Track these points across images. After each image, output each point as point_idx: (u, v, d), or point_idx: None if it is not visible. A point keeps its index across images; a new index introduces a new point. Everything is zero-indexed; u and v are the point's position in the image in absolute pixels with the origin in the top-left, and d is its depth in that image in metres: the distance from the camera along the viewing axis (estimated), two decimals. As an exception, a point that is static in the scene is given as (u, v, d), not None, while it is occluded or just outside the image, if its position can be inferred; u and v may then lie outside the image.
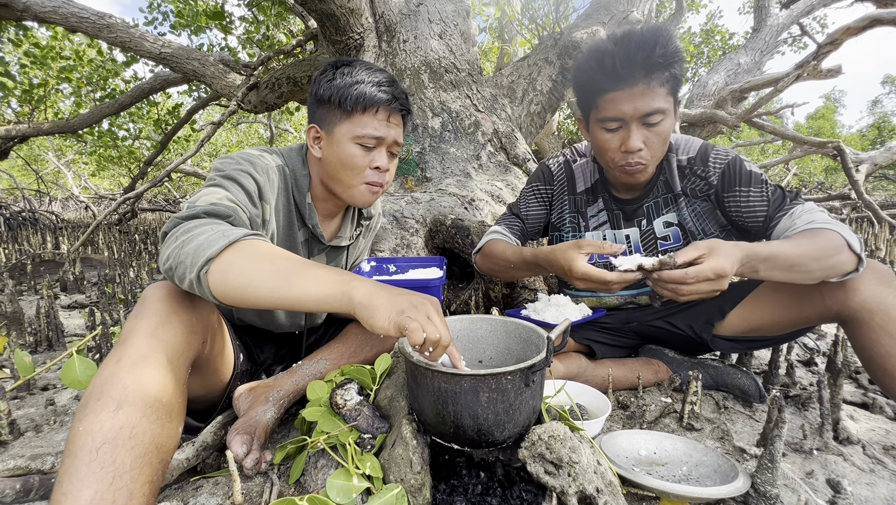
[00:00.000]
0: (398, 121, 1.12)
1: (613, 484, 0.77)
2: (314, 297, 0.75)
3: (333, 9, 2.58)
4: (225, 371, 1.07)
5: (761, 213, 1.16)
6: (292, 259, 0.78)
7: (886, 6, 3.40)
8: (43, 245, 4.66)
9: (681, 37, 8.42)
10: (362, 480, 0.77)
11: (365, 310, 0.74)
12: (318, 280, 0.76)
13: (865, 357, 1.03)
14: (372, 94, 1.04)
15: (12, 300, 1.95)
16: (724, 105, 4.59)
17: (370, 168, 1.09)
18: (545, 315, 1.33)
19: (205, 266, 0.74)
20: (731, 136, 8.95)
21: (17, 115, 5.91)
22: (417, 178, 2.39)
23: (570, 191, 1.42)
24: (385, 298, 0.75)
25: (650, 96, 1.08)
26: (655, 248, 1.33)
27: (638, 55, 1.06)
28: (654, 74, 1.07)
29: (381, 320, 0.73)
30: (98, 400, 0.66)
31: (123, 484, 0.61)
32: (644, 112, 1.09)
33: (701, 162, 1.24)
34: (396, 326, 0.73)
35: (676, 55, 1.07)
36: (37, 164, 12.11)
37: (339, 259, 1.29)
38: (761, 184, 1.17)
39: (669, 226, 1.31)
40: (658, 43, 1.05)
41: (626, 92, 1.09)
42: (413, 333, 0.72)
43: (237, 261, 0.76)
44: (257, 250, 0.78)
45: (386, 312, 0.74)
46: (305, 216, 1.14)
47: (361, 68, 1.07)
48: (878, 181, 9.82)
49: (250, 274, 0.75)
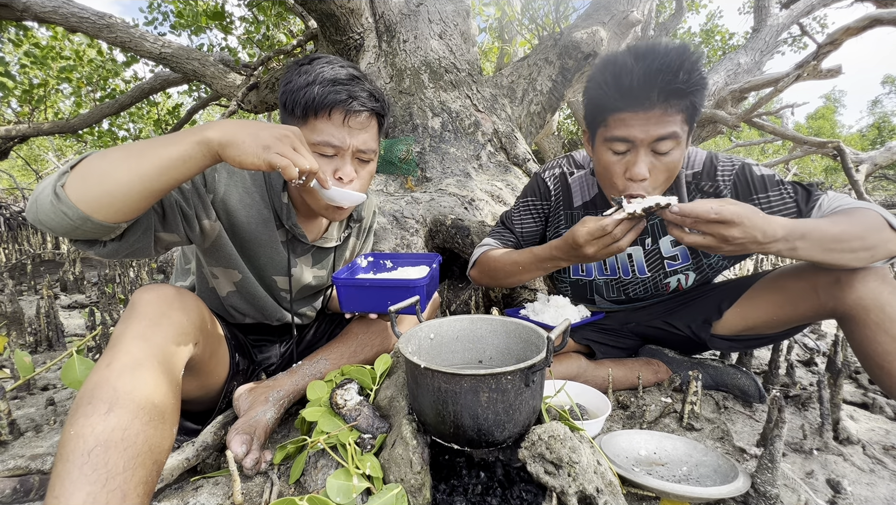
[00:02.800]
0: (362, 123, 0.99)
1: (613, 484, 0.77)
2: (174, 157, 0.74)
3: (333, 9, 2.58)
4: (220, 372, 1.07)
5: (791, 214, 1.09)
6: (142, 141, 0.77)
7: (886, 6, 3.40)
8: (43, 245, 4.66)
9: (681, 37, 8.42)
10: (362, 480, 0.77)
11: (228, 148, 0.75)
12: (171, 141, 0.75)
13: (862, 354, 1.03)
14: (322, 96, 0.93)
15: (12, 300, 1.95)
16: (724, 105, 4.58)
17: (333, 178, 0.99)
18: (544, 316, 1.33)
19: (59, 180, 0.72)
20: (731, 136, 8.95)
21: (17, 115, 5.91)
22: (417, 178, 2.39)
23: (566, 206, 1.34)
24: (246, 133, 0.76)
25: (665, 122, 1.00)
26: (663, 268, 1.29)
27: (659, 78, 0.96)
28: (672, 101, 0.98)
29: (249, 157, 0.75)
30: (89, 403, 0.66)
31: (117, 486, 0.61)
32: (656, 137, 1.01)
33: (708, 177, 1.17)
34: (266, 162, 0.75)
35: (700, 83, 0.98)
36: (37, 164, 12.11)
37: (327, 260, 1.26)
38: (778, 185, 1.11)
39: (677, 245, 1.26)
40: (683, 68, 0.95)
41: (639, 114, 1.00)
42: (286, 169, 0.75)
43: (90, 163, 0.74)
44: (105, 151, 0.76)
45: (252, 149, 0.75)
46: (283, 216, 1.09)
47: (320, 65, 0.97)
48: (878, 181, 9.82)
49: (104, 166, 0.73)
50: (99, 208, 0.73)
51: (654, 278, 1.32)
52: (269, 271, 1.15)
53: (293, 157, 0.77)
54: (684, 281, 1.31)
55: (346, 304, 1.13)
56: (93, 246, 0.81)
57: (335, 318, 1.44)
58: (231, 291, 1.15)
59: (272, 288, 1.18)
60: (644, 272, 1.32)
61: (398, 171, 2.42)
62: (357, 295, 1.11)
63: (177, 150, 0.74)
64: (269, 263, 1.13)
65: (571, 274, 1.40)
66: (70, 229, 0.74)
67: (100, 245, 0.82)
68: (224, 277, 1.12)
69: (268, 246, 1.11)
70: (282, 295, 1.21)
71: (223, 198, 1.01)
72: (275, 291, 1.19)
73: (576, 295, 1.45)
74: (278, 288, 1.19)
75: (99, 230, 0.76)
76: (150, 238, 0.88)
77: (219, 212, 1.02)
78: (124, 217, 0.76)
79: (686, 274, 1.30)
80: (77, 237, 0.78)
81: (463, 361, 1.00)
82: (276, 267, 1.15)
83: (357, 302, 1.12)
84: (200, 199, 0.97)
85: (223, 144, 0.75)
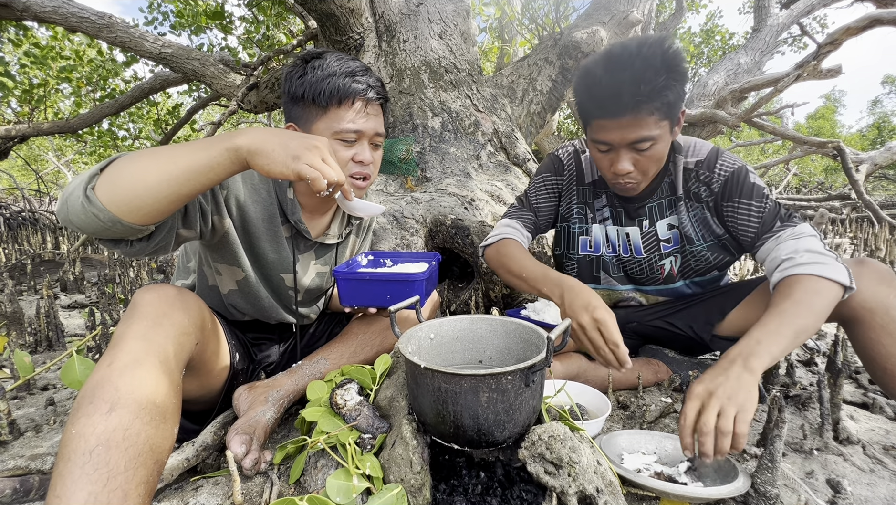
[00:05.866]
0: (376, 111, 1.08)
1: (613, 484, 0.77)
2: (203, 163, 0.75)
3: (333, 9, 2.58)
4: (221, 371, 1.07)
5: (753, 230, 1.15)
6: (170, 146, 0.78)
7: (886, 6, 3.40)
8: (43, 245, 4.66)
9: (681, 37, 8.42)
10: (362, 480, 0.77)
11: (257, 157, 0.76)
12: (199, 147, 0.76)
13: (866, 357, 1.03)
14: (346, 86, 1.01)
15: (12, 300, 1.95)
16: (724, 105, 4.58)
17: (353, 161, 1.06)
18: (545, 315, 1.33)
19: (90, 182, 0.73)
20: (731, 136, 8.95)
21: (17, 115, 5.91)
22: (417, 178, 2.38)
23: (578, 181, 1.41)
24: (276, 142, 0.77)
25: (637, 126, 1.07)
26: (658, 249, 1.33)
27: (624, 89, 1.02)
28: (641, 107, 1.04)
29: (278, 166, 0.76)
30: (90, 403, 0.66)
31: (118, 485, 0.61)
32: (630, 141, 1.09)
33: (707, 167, 1.21)
34: (295, 172, 0.75)
35: (668, 84, 1.02)
36: (37, 164, 12.12)
37: (329, 257, 1.27)
38: (762, 198, 1.15)
39: (672, 228, 1.30)
40: (644, 79, 1.00)
41: (613, 122, 1.08)
42: (316, 181, 0.75)
43: (119, 166, 0.75)
44: (134, 154, 0.77)
45: (281, 158, 0.76)
46: (288, 211, 1.12)
47: (332, 59, 1.04)
48: (878, 181, 9.82)
49: (134, 170, 0.74)
50: (129, 212, 0.74)
51: (649, 260, 1.35)
52: (276, 269, 1.15)
53: (322, 168, 0.78)
54: (674, 264, 1.33)
55: (346, 298, 1.13)
56: (119, 245, 0.83)
57: (335, 317, 1.44)
58: (233, 290, 1.15)
59: (279, 287, 1.19)
60: (640, 252, 1.35)
61: (398, 171, 2.42)
62: (357, 288, 1.12)
63: (206, 155, 0.75)
64: (276, 259, 1.14)
65: (580, 251, 1.44)
66: (100, 230, 0.75)
67: (126, 244, 0.83)
68: (228, 274, 1.12)
69: (274, 241, 1.12)
70: (288, 294, 1.21)
71: (235, 194, 1.04)
72: (281, 289, 1.20)
73: (583, 274, 1.45)
74: (285, 287, 1.19)
75: (128, 232, 0.77)
76: (173, 236, 0.90)
77: (230, 208, 1.04)
78: (152, 220, 0.78)
79: (675, 257, 1.33)
80: (107, 237, 0.80)
81: (463, 361, 1.01)
82: (281, 264, 1.16)
83: (357, 296, 1.13)
84: (214, 196, 0.99)
85: (252, 152, 0.76)
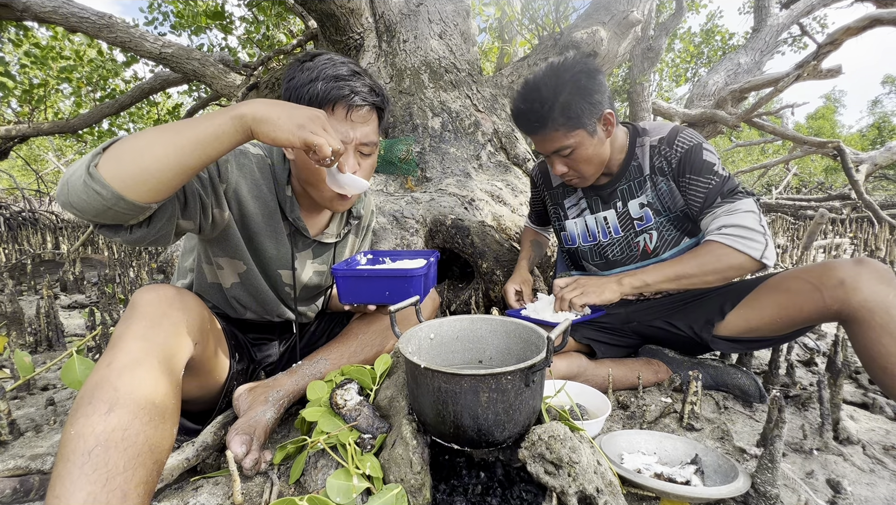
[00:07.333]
0: (363, 117, 1.01)
1: (613, 484, 0.77)
2: (209, 132, 0.75)
3: (333, 9, 2.58)
4: (220, 371, 1.07)
5: (697, 204, 1.27)
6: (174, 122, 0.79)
7: (886, 6, 3.40)
8: (43, 245, 4.66)
9: (681, 37, 8.42)
10: (362, 480, 0.77)
11: (262, 124, 0.77)
12: (206, 119, 0.76)
13: (866, 356, 1.03)
14: (325, 92, 0.96)
15: (12, 300, 1.95)
16: (724, 105, 4.58)
17: None
18: (545, 315, 1.33)
19: (93, 160, 0.72)
20: (731, 136, 8.95)
21: (17, 115, 5.91)
22: (417, 179, 2.38)
23: (547, 186, 1.60)
24: (280, 111, 0.78)
25: (550, 140, 1.27)
26: (633, 228, 1.40)
27: (531, 114, 1.24)
28: (547, 125, 1.24)
29: (283, 133, 0.77)
30: (89, 403, 0.66)
31: (117, 485, 0.61)
32: (551, 151, 1.29)
33: (668, 143, 1.31)
34: (301, 140, 0.77)
35: (568, 103, 1.20)
36: (37, 164, 12.11)
37: (327, 255, 1.27)
38: (710, 174, 1.24)
39: (643, 207, 1.38)
40: (543, 102, 1.21)
41: (534, 137, 1.31)
42: (321, 147, 0.78)
43: (123, 142, 0.74)
44: (137, 133, 0.77)
45: (287, 126, 0.77)
46: (286, 209, 1.12)
47: (321, 62, 0.99)
48: (878, 181, 9.81)
49: (139, 143, 0.74)
50: (133, 185, 0.73)
51: (626, 238, 1.43)
52: (274, 265, 1.15)
53: (326, 136, 0.80)
54: (649, 240, 1.39)
55: (345, 295, 1.13)
56: (119, 232, 0.81)
57: (335, 317, 1.44)
58: (235, 283, 1.15)
59: (276, 283, 1.19)
60: (618, 231, 1.43)
61: (398, 171, 2.42)
62: (355, 286, 1.12)
63: (211, 125, 0.76)
64: (275, 255, 1.14)
65: (564, 245, 1.61)
66: (101, 210, 0.73)
67: (125, 231, 0.82)
68: (229, 267, 1.13)
69: (273, 238, 1.12)
70: (286, 291, 1.21)
71: (235, 188, 1.03)
72: (279, 286, 1.19)
73: (574, 265, 1.64)
74: (282, 283, 1.19)
75: (130, 210, 0.75)
76: (173, 225, 0.89)
77: (230, 202, 1.03)
78: (156, 197, 0.76)
79: (650, 233, 1.39)
80: (107, 220, 0.77)
81: (463, 361, 1.01)
82: (280, 260, 1.16)
83: (355, 293, 1.13)
84: (214, 188, 0.98)
85: (258, 120, 0.77)
